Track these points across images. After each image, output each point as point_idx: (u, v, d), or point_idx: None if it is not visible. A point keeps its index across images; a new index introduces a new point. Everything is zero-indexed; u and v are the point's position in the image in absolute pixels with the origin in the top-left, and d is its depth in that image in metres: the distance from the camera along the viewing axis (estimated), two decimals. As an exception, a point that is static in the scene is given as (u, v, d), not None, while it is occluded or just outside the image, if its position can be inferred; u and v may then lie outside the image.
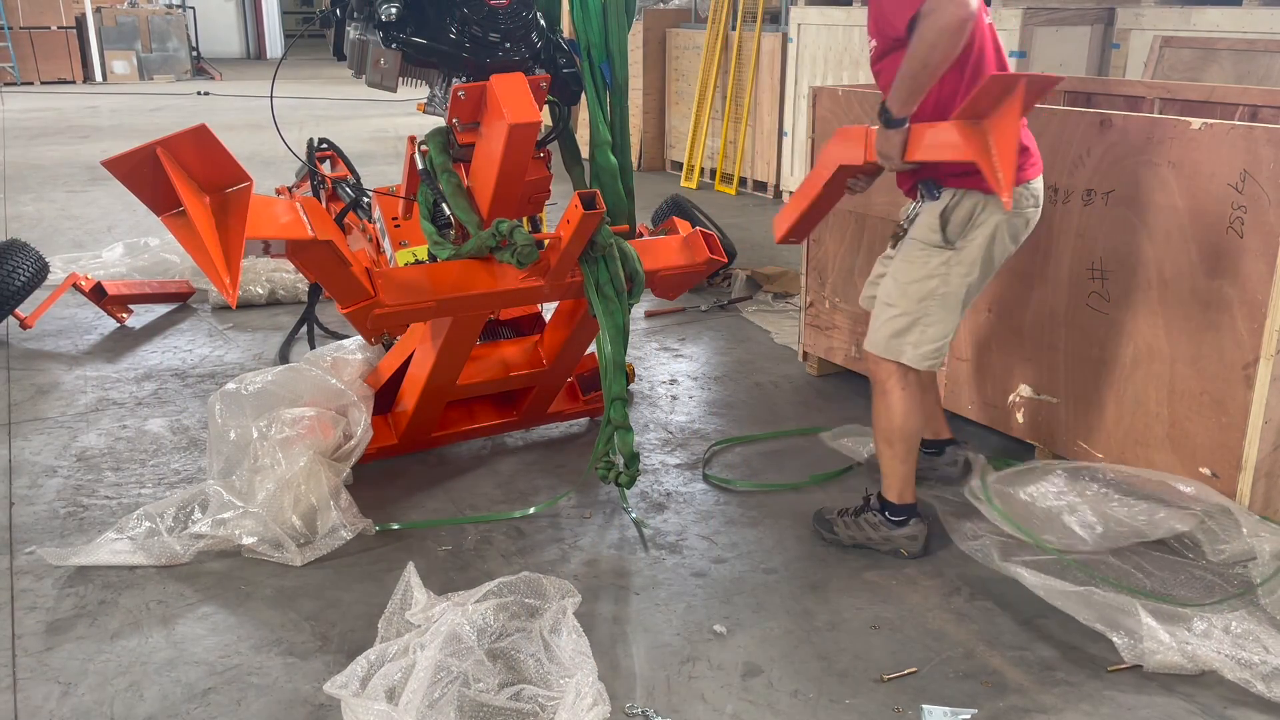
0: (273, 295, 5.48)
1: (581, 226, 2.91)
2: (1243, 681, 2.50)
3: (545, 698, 2.34)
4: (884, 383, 3.04)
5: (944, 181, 2.91)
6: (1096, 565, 2.97)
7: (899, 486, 3.08)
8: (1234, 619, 2.64)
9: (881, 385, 3.05)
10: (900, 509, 3.09)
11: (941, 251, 2.92)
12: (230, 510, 3.08)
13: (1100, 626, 2.67)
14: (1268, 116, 3.72)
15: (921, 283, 2.96)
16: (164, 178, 2.42)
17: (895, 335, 3.01)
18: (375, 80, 3.18)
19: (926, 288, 2.95)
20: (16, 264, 4.78)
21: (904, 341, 2.99)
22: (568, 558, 3.11)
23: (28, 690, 2.50)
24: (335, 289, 2.95)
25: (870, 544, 3.11)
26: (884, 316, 3.03)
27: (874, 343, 3.07)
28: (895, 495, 3.09)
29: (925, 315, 2.97)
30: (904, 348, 3.00)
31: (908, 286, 2.98)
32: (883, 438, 3.06)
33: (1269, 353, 2.91)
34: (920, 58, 2.64)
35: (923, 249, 2.95)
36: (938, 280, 2.95)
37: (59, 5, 15.86)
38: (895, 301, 3.01)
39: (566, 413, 3.96)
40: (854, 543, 3.13)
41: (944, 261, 2.93)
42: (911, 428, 3.03)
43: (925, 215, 2.96)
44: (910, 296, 2.97)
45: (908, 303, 2.98)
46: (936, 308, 2.97)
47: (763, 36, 7.88)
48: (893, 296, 3.02)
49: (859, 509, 3.15)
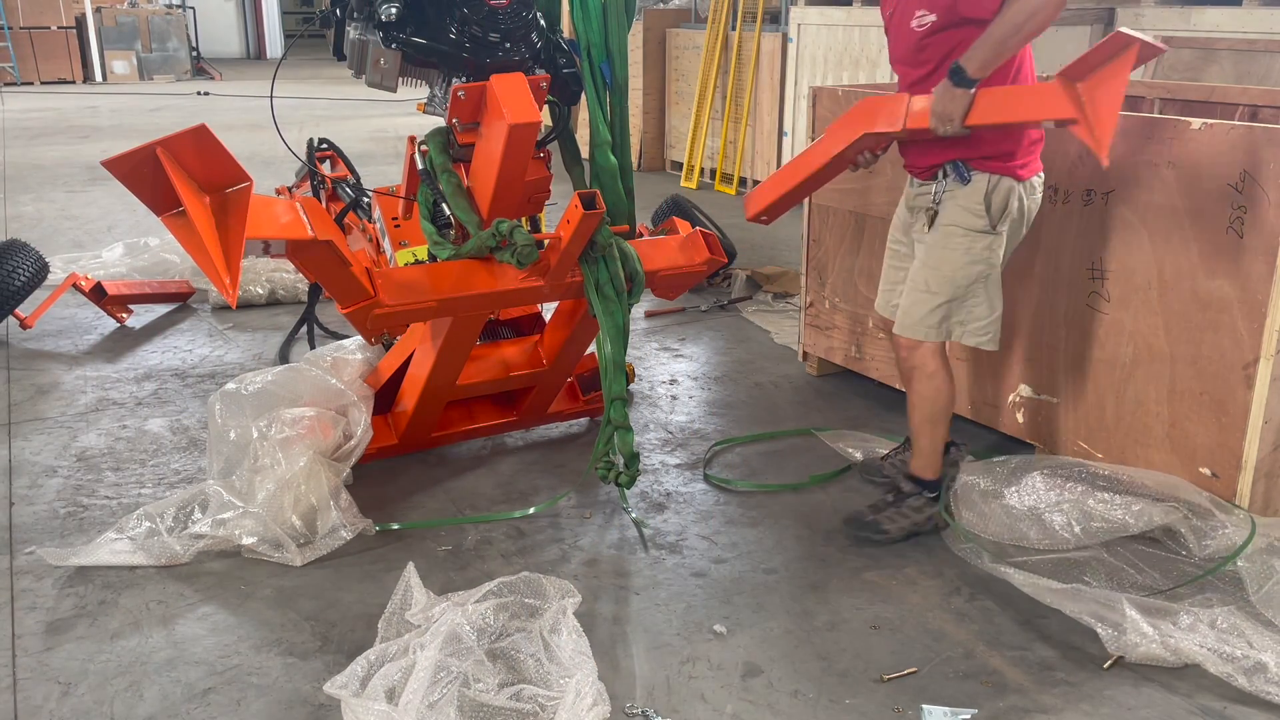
0: (273, 295, 5.48)
1: (581, 226, 2.91)
2: (1225, 675, 2.51)
3: (545, 698, 2.34)
4: (924, 365, 3.10)
5: (974, 164, 2.94)
6: (1086, 562, 2.99)
7: (936, 462, 3.19)
8: (1220, 614, 2.65)
9: (923, 368, 3.10)
10: (935, 484, 3.20)
11: (985, 236, 2.99)
12: (230, 510, 3.08)
13: (1087, 620, 2.69)
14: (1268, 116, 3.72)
15: (967, 268, 3.01)
16: (164, 178, 2.42)
17: (944, 320, 3.06)
18: (375, 80, 3.18)
19: (973, 272, 3.02)
20: (16, 264, 4.78)
21: (954, 324, 3.07)
22: (568, 558, 3.11)
23: (28, 690, 2.50)
24: (335, 289, 2.95)
25: (919, 529, 3.17)
26: (927, 304, 3.06)
27: (915, 329, 3.09)
28: (932, 471, 3.19)
29: (974, 297, 3.04)
30: (955, 329, 3.07)
31: (954, 273, 3.02)
32: (925, 418, 3.14)
33: (1269, 353, 2.91)
34: (1018, 24, 2.69)
35: (965, 234, 2.99)
36: (983, 265, 3.02)
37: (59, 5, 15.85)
38: (939, 289, 3.04)
39: (566, 413, 3.96)
40: (905, 534, 3.16)
41: (987, 245, 3.00)
42: (952, 403, 3.14)
43: (963, 199, 2.98)
44: (957, 282, 3.03)
45: (954, 288, 3.03)
46: (982, 289, 3.05)
47: (763, 36, 7.88)
48: (934, 284, 3.04)
49: (897, 498, 3.20)
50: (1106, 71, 2.62)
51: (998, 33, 2.73)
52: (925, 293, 3.06)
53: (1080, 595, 2.76)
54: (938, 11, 2.87)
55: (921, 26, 2.91)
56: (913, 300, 3.10)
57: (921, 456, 3.20)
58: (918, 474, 3.21)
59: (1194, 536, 3.00)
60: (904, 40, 3.00)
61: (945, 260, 3.02)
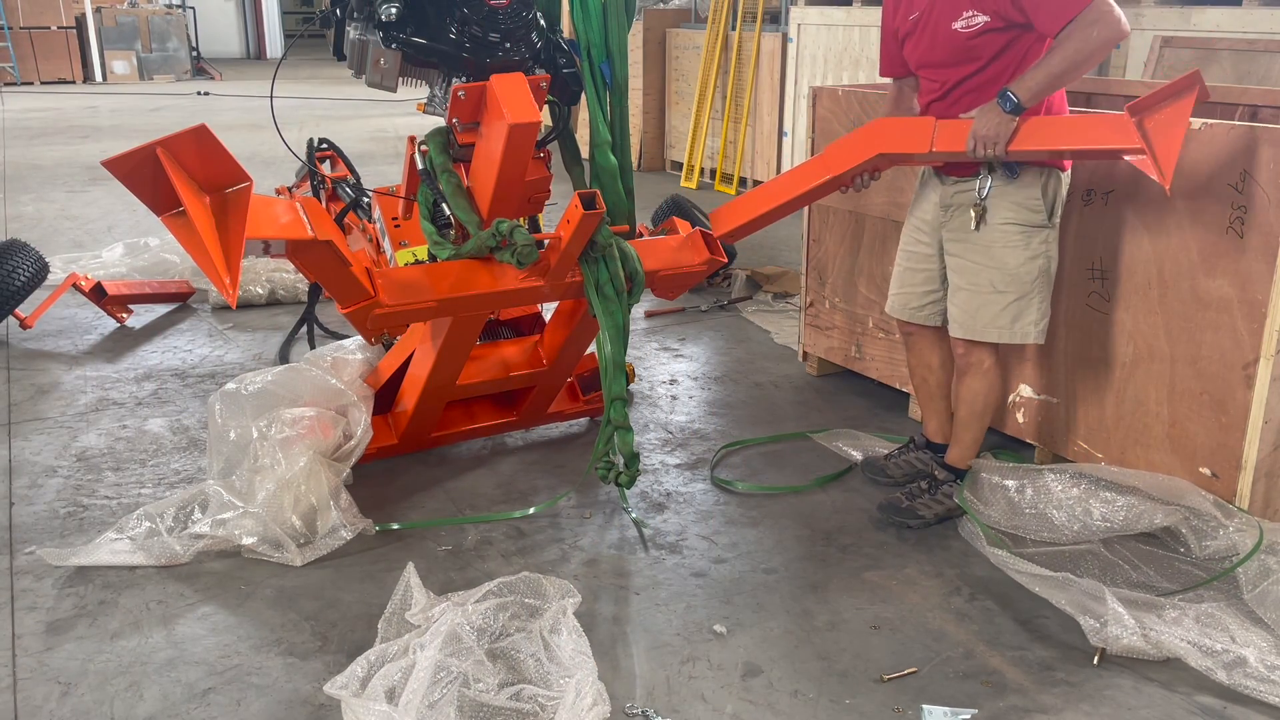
0: (273, 295, 5.48)
1: (581, 226, 2.91)
2: (1205, 670, 2.51)
3: (545, 698, 2.34)
4: (982, 363, 3.18)
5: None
6: (1082, 555, 3.00)
7: (973, 454, 3.31)
8: (1207, 609, 2.66)
9: (979, 366, 3.18)
10: (965, 473, 3.31)
11: (1042, 230, 3.04)
12: (230, 510, 3.08)
13: (1071, 610, 2.70)
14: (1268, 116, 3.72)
15: (1030, 263, 3.05)
16: (164, 178, 2.41)
17: (1016, 319, 3.09)
18: (375, 80, 3.18)
19: (1037, 266, 3.05)
20: (16, 264, 4.78)
21: (1026, 323, 3.10)
22: (568, 558, 3.11)
23: (28, 690, 2.50)
24: (335, 289, 2.95)
25: (951, 514, 3.26)
26: (996, 305, 3.08)
27: (985, 331, 3.11)
28: (967, 462, 3.31)
29: (1038, 292, 3.08)
30: (1028, 329, 3.10)
31: (1019, 270, 3.05)
32: (975, 414, 3.23)
33: (1269, 353, 2.91)
34: (1076, 62, 2.76)
35: (1023, 231, 3.02)
36: (1043, 259, 3.06)
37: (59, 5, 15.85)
38: (1007, 287, 3.06)
39: (566, 413, 3.96)
40: (939, 518, 3.26)
41: (1044, 239, 3.04)
42: (1001, 399, 3.27)
43: (1017, 195, 3.00)
44: (1023, 279, 3.05)
45: (1022, 285, 3.06)
46: (1044, 284, 3.09)
47: (763, 36, 7.88)
48: (1001, 283, 3.06)
49: (932, 485, 3.30)
50: (1174, 109, 2.72)
51: (1055, 67, 2.78)
52: (994, 293, 3.07)
53: (1067, 585, 2.78)
54: (990, 14, 2.88)
55: (970, 28, 2.92)
56: (980, 302, 3.10)
57: (962, 448, 3.30)
58: (955, 464, 3.32)
59: (1194, 536, 3.00)
60: (942, 42, 2.99)
61: (1009, 258, 3.04)
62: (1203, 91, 2.71)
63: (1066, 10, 2.76)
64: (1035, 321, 3.10)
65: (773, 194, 3.35)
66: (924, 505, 3.25)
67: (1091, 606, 2.68)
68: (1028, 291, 3.06)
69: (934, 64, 3.06)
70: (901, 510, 3.26)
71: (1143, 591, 2.82)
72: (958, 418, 3.28)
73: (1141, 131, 2.74)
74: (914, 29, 3.09)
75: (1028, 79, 2.82)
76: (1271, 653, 2.54)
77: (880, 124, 3.15)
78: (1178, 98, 2.72)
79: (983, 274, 3.08)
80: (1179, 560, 3.00)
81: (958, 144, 2.93)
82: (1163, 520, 3.03)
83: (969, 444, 3.28)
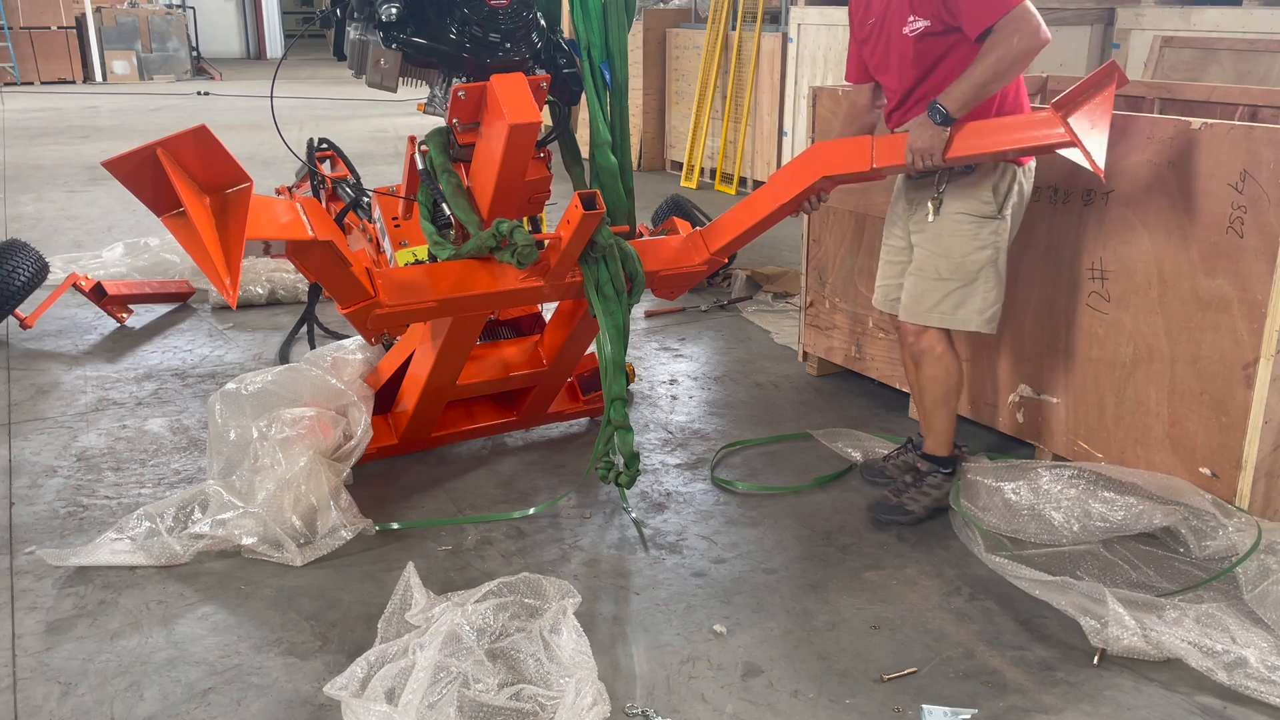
0: (273, 295, 5.48)
1: (582, 227, 2.91)
2: (1205, 670, 2.52)
3: (545, 697, 2.34)
4: (933, 349, 3.21)
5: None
6: (1082, 556, 3.00)
7: (949, 441, 3.32)
8: (1207, 609, 2.66)
9: (931, 351, 3.21)
10: (950, 460, 3.33)
11: (991, 221, 3.09)
12: (230, 510, 3.08)
13: (1072, 612, 2.70)
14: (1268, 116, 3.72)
15: (977, 253, 3.10)
16: (164, 178, 2.41)
17: (959, 306, 3.14)
18: (375, 80, 3.18)
19: (983, 257, 3.11)
20: (16, 264, 4.78)
21: (970, 310, 3.14)
22: (568, 558, 3.11)
23: (28, 690, 2.50)
24: (335, 289, 2.95)
25: (939, 504, 3.30)
26: (939, 291, 3.14)
27: (928, 315, 3.17)
28: (947, 449, 3.32)
29: (984, 282, 3.12)
30: (971, 317, 3.15)
31: (963, 260, 3.11)
32: (938, 400, 3.25)
33: (1269, 353, 2.91)
34: (998, 71, 2.83)
35: (973, 221, 3.09)
36: (991, 249, 3.11)
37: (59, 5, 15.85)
38: (950, 275, 3.12)
39: (566, 413, 3.96)
40: (928, 511, 3.28)
41: (994, 230, 3.10)
42: (961, 383, 3.28)
43: (970, 187, 3.07)
44: (968, 268, 3.11)
45: (966, 274, 3.12)
46: (991, 274, 3.13)
47: (763, 36, 7.88)
48: (945, 270, 3.13)
49: (916, 478, 3.32)
50: (1097, 101, 2.83)
51: (979, 77, 2.84)
52: (938, 280, 3.13)
53: (1068, 587, 2.78)
54: (930, 18, 2.93)
55: (914, 32, 2.96)
56: (924, 288, 3.16)
57: (936, 435, 3.32)
58: (933, 453, 3.33)
59: (1193, 537, 3.00)
60: (895, 47, 3.04)
61: (954, 247, 3.10)
62: (1121, 79, 2.84)
63: (990, 13, 2.81)
64: (980, 310, 3.14)
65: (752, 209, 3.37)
66: (911, 499, 3.29)
67: (1092, 608, 2.68)
68: (971, 280, 3.12)
69: (888, 69, 3.12)
70: (891, 507, 3.29)
71: (1142, 592, 2.82)
72: (923, 407, 3.32)
73: (1069, 126, 2.84)
74: (870, 34, 3.15)
75: (954, 90, 2.87)
76: (1272, 653, 2.54)
77: (819, 148, 3.21)
78: (1099, 90, 2.84)
79: (930, 261, 3.14)
80: (1178, 560, 3.00)
81: (896, 158, 3.01)
82: (1162, 520, 3.03)
83: (941, 431, 3.30)
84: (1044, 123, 2.89)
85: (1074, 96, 2.86)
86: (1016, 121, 2.96)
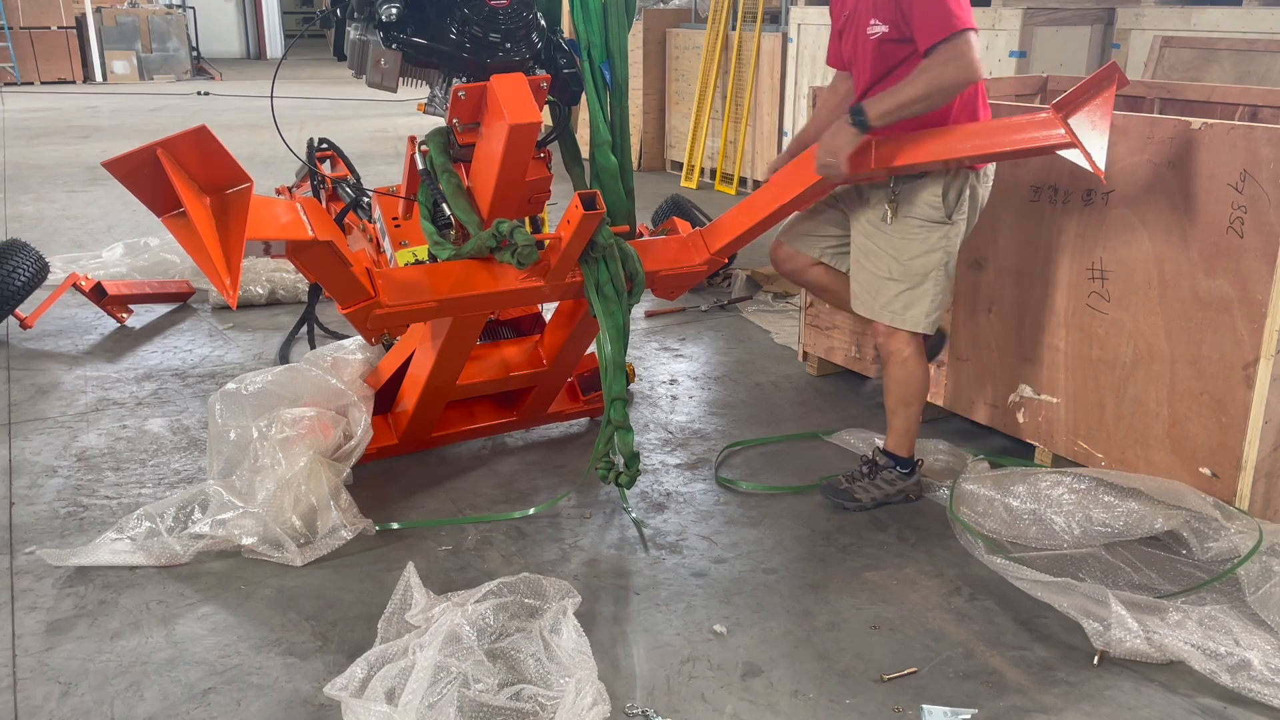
0: (273, 295, 5.48)
1: (582, 227, 2.91)
2: (1209, 673, 2.51)
3: (545, 697, 2.34)
4: (901, 350, 3.23)
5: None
6: (1083, 559, 3.00)
7: (910, 441, 3.36)
8: (1210, 612, 2.66)
9: (899, 354, 3.24)
10: (909, 460, 3.38)
11: (941, 226, 3.13)
12: (230, 510, 3.08)
13: (1074, 614, 2.70)
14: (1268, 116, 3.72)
15: (925, 257, 3.14)
16: (164, 179, 2.41)
17: (907, 308, 3.18)
18: (375, 80, 3.17)
19: (932, 260, 3.15)
20: (16, 264, 4.78)
21: (917, 312, 3.19)
22: (568, 558, 3.11)
23: (28, 690, 2.50)
24: (335, 289, 2.95)
25: (889, 499, 3.37)
26: (890, 292, 3.19)
27: (880, 313, 3.22)
28: (907, 449, 3.36)
29: (933, 285, 3.17)
30: (919, 319, 3.19)
31: (911, 262, 3.15)
32: (902, 401, 3.29)
33: (1269, 353, 2.91)
34: (928, 93, 2.84)
35: (922, 225, 3.13)
36: (940, 253, 3.15)
37: (59, 5, 15.84)
38: (900, 277, 3.17)
39: (566, 413, 3.96)
40: (875, 503, 3.36)
41: (943, 235, 3.14)
42: (926, 387, 3.30)
43: (920, 191, 3.10)
44: (915, 271, 3.15)
45: (914, 277, 3.16)
46: (940, 278, 3.18)
47: (762, 36, 7.88)
48: (895, 272, 3.17)
49: (872, 470, 3.38)
50: (1098, 102, 2.85)
51: (906, 96, 2.85)
52: (889, 280, 3.19)
53: (1070, 590, 2.78)
54: (887, 23, 2.96)
55: (874, 35, 3.00)
56: (877, 286, 3.22)
57: (895, 435, 3.36)
58: (892, 450, 3.37)
59: (1195, 539, 2.99)
60: (861, 44, 3.08)
61: (905, 249, 3.15)
62: (1121, 80, 2.86)
63: (936, 30, 2.81)
64: (927, 313, 3.19)
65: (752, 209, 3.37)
66: (861, 489, 3.35)
67: (1095, 610, 2.67)
68: (919, 283, 3.16)
69: (855, 64, 3.17)
70: (839, 491, 3.37)
71: (1145, 594, 2.81)
72: (886, 405, 3.36)
73: (1070, 127, 2.86)
74: (844, 27, 3.20)
75: (880, 100, 2.88)
76: (1275, 655, 2.53)
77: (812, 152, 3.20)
78: (1099, 91, 2.86)
79: (882, 261, 3.19)
80: (1180, 562, 2.99)
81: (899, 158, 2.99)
82: (1163, 524, 3.02)
83: (900, 431, 3.34)
84: (1044, 124, 2.90)
85: (1074, 97, 2.87)
86: (1017, 123, 2.97)
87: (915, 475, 3.40)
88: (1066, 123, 2.87)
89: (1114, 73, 2.85)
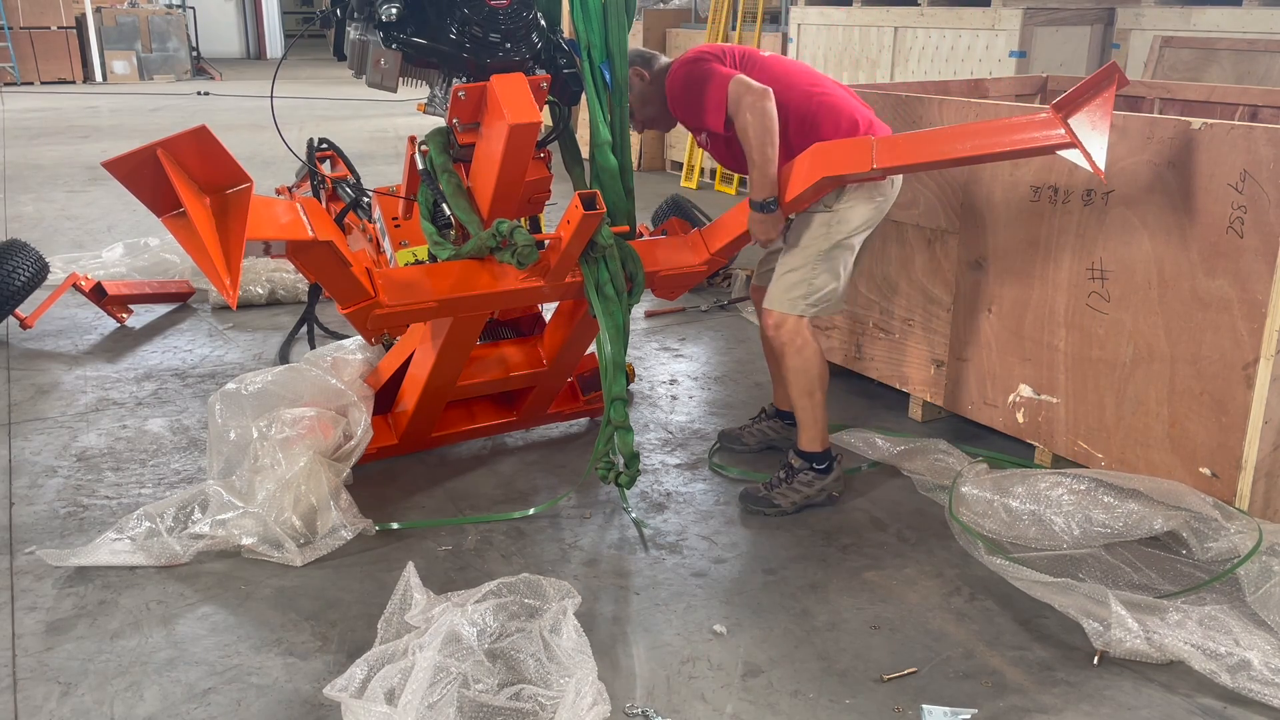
0: (273, 295, 5.48)
1: (582, 227, 2.91)
2: (1209, 673, 2.51)
3: (545, 697, 2.34)
4: (793, 339, 3.26)
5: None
6: (1083, 559, 3.00)
7: (821, 434, 3.33)
8: (1210, 612, 2.66)
9: (792, 342, 3.26)
10: (823, 455, 3.35)
11: (825, 213, 3.22)
12: (230, 510, 3.08)
13: (1074, 614, 2.70)
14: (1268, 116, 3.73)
15: (811, 245, 3.25)
16: (164, 179, 2.41)
17: (788, 291, 3.26)
18: (375, 80, 3.17)
19: (814, 246, 3.24)
20: (16, 264, 4.78)
21: (797, 294, 3.26)
22: (568, 558, 3.11)
23: (28, 690, 2.50)
24: (335, 289, 2.95)
25: (810, 501, 3.34)
26: (786, 282, 3.29)
27: (781, 302, 3.29)
28: (819, 444, 3.33)
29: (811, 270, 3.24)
30: (797, 300, 3.26)
31: (804, 250, 3.27)
32: (803, 391, 3.27)
33: (1269, 353, 2.91)
34: (759, 146, 3.04)
35: (813, 213, 3.25)
36: (823, 240, 3.24)
37: (59, 5, 15.84)
38: (798, 265, 3.28)
39: (566, 413, 3.96)
40: (797, 507, 3.33)
41: (824, 222, 3.23)
42: (825, 374, 3.30)
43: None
44: (804, 256, 3.25)
45: (801, 261, 3.26)
46: (838, 261, 3.26)
47: (763, 36, 7.88)
48: (794, 261, 3.29)
49: (789, 474, 3.36)
50: (1098, 102, 2.87)
51: (755, 159, 3.07)
52: (786, 272, 3.27)
53: (1070, 590, 2.78)
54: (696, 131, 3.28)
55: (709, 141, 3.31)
56: (780, 280, 3.31)
57: (804, 430, 3.34)
58: (805, 448, 3.35)
59: (1195, 539, 2.99)
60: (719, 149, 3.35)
61: (800, 237, 3.27)
62: (1121, 80, 2.87)
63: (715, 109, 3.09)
64: (805, 295, 3.25)
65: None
66: (780, 495, 3.33)
67: (1095, 610, 2.68)
68: (801, 266, 3.24)
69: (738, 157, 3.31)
70: (759, 499, 3.35)
71: (1144, 594, 2.81)
72: (792, 401, 3.34)
73: (1069, 127, 2.87)
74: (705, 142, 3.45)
75: (752, 184, 3.12)
76: (1275, 655, 2.53)
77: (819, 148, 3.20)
78: (1099, 91, 2.87)
79: (786, 255, 3.31)
80: (1180, 562, 2.99)
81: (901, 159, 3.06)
82: (1163, 525, 3.02)
83: (809, 425, 3.32)
84: (1044, 124, 2.91)
85: (1074, 98, 2.87)
86: (1017, 123, 2.97)
87: (834, 471, 3.36)
88: (1066, 123, 2.87)
89: (1114, 73, 2.86)
